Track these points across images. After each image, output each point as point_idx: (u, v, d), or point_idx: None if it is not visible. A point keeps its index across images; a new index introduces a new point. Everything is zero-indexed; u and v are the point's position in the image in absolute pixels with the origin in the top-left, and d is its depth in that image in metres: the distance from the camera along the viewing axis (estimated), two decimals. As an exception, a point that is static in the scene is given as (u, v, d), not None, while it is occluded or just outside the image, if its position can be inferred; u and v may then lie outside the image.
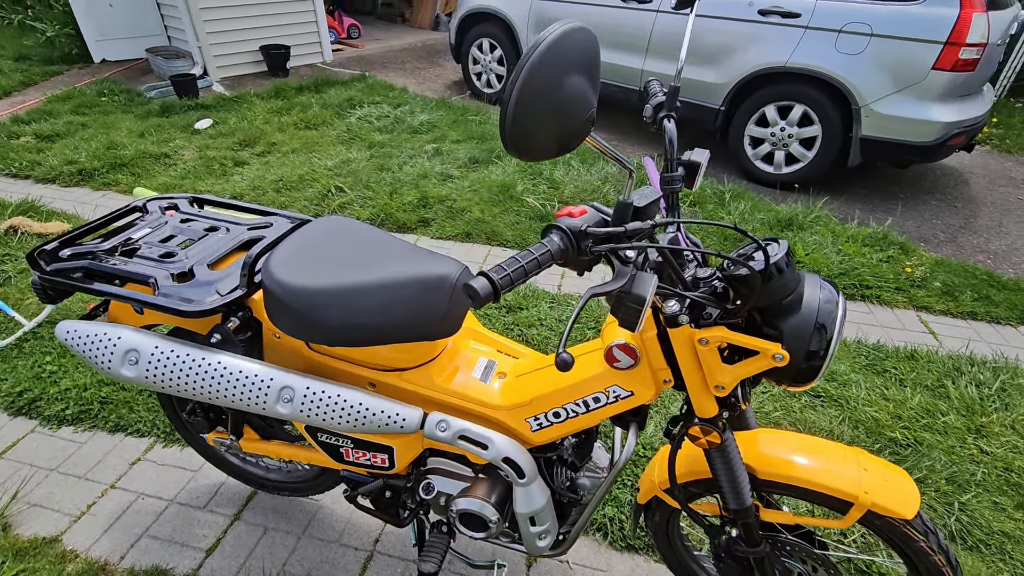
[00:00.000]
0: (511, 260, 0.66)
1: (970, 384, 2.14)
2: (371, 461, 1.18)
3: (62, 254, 1.13)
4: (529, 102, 0.71)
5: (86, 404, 1.89)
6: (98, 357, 1.03)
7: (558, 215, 0.72)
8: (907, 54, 3.22)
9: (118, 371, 1.03)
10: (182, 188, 3.45)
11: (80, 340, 1.04)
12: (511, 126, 0.71)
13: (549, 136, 0.77)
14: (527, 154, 0.76)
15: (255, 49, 5.54)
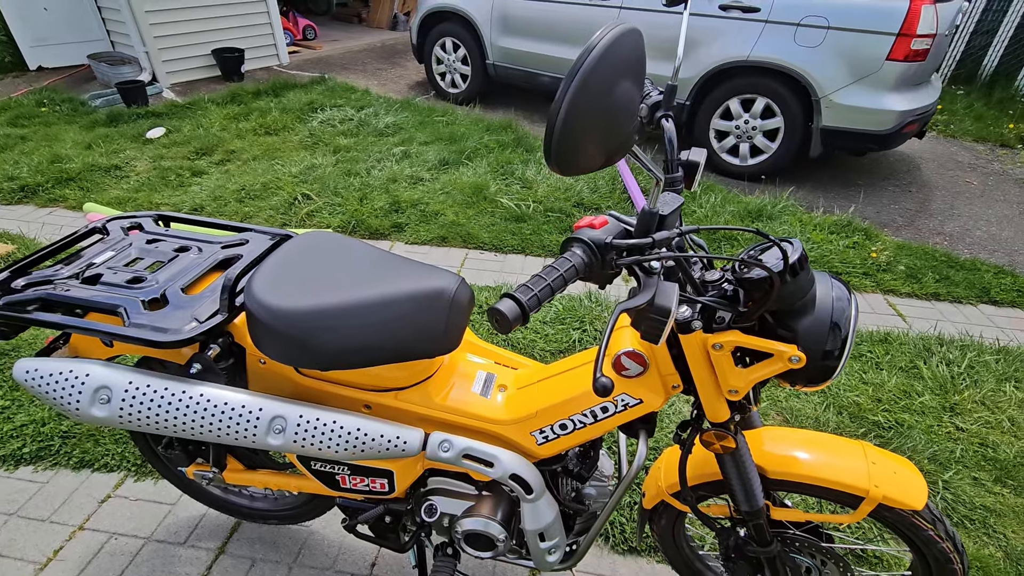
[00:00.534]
0: (536, 279, 0.62)
1: (941, 363, 2.22)
2: (369, 487, 1.12)
3: (15, 284, 1.03)
4: (579, 114, 0.64)
5: (45, 440, 1.75)
6: (64, 398, 0.94)
7: (577, 227, 0.69)
8: (862, 46, 3.32)
9: (88, 412, 0.94)
10: (136, 201, 3.27)
11: (42, 381, 0.95)
12: (558, 141, 0.65)
13: (596, 149, 0.70)
14: (572, 169, 0.69)
15: (207, 53, 5.31)
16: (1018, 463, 1.79)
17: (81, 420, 0.96)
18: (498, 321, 0.58)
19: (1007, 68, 5.67)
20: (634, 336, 0.97)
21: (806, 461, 1.02)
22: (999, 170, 4.36)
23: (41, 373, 0.95)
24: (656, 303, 0.65)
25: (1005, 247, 3.26)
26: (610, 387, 0.61)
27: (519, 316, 0.58)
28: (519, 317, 0.58)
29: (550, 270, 0.63)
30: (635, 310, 0.68)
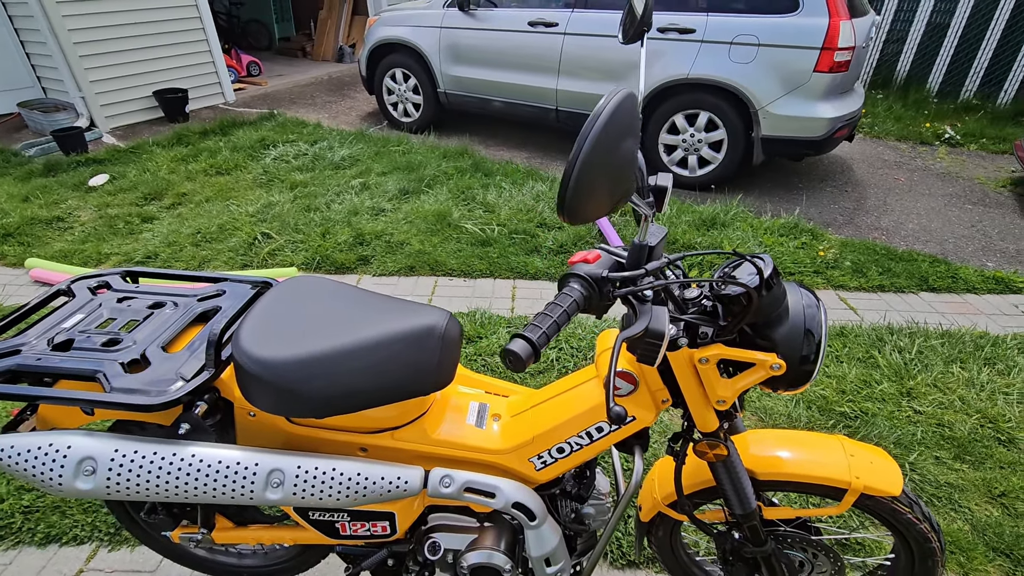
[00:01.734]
0: (542, 316, 0.65)
1: (893, 351, 2.37)
2: (371, 531, 1.10)
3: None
4: (590, 171, 0.70)
5: (3, 518, 1.64)
6: (45, 474, 0.90)
7: (571, 262, 0.72)
8: (791, 60, 3.56)
9: (72, 486, 0.90)
10: (83, 253, 3.12)
11: (18, 458, 0.90)
12: (572, 196, 0.70)
13: (604, 198, 0.76)
14: (581, 218, 0.74)
15: (148, 95, 5.16)
16: (972, 439, 1.92)
17: (64, 495, 0.92)
18: (512, 361, 0.61)
19: (918, 72, 6.17)
20: (622, 356, 1.01)
21: (791, 460, 1.08)
22: (922, 166, 4.71)
23: (17, 450, 0.90)
24: (651, 328, 0.69)
25: (936, 237, 3.51)
26: (624, 415, 0.64)
27: (531, 354, 0.61)
28: (532, 355, 0.61)
29: (553, 307, 0.66)
30: (633, 337, 0.72)
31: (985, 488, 1.75)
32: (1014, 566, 1.53)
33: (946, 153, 4.97)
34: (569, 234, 3.28)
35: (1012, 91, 5.73)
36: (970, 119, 5.52)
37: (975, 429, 1.96)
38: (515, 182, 3.96)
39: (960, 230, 3.60)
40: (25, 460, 0.90)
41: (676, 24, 3.79)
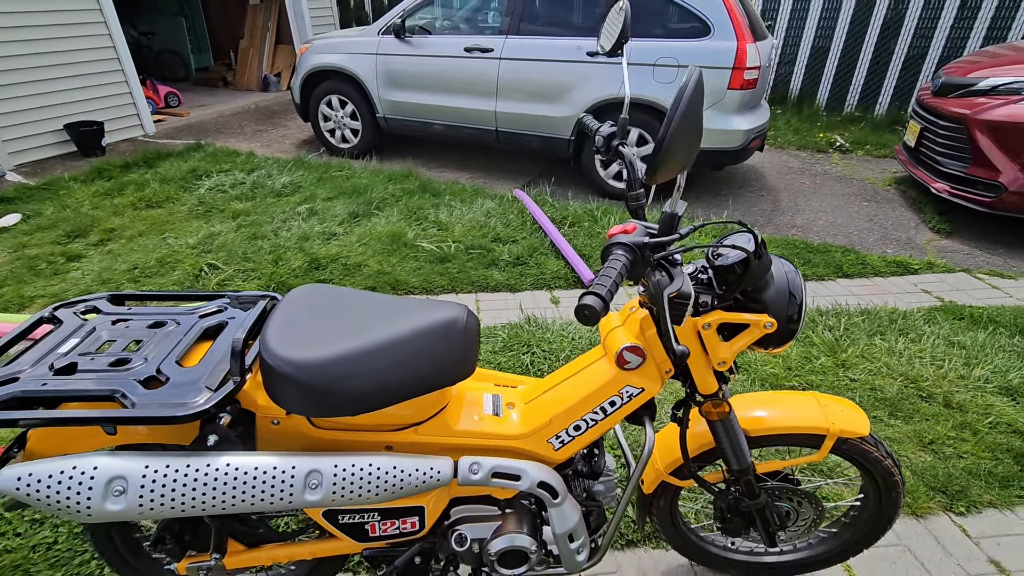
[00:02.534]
0: (602, 278, 0.73)
1: (825, 330, 2.65)
2: (400, 529, 1.12)
3: (-26, 389, 0.92)
4: (676, 138, 0.82)
5: (-44, 585, 1.48)
6: (72, 499, 0.86)
7: (611, 234, 0.82)
8: (708, 79, 3.92)
9: (102, 508, 0.86)
10: (1, 299, 2.86)
11: (39, 485, 0.85)
12: (662, 159, 0.82)
13: (679, 162, 0.89)
14: (662, 178, 0.88)
15: (58, 128, 4.81)
16: (900, 398, 2.19)
17: (93, 520, 0.88)
18: (587, 315, 0.68)
19: (808, 89, 6.93)
20: (628, 333, 1.11)
21: (775, 416, 1.22)
22: (821, 170, 5.28)
23: (37, 476, 0.86)
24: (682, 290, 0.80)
25: (843, 230, 3.96)
26: (688, 352, 0.74)
27: (604, 308, 0.69)
28: (604, 308, 0.69)
29: (608, 270, 0.75)
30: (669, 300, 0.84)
31: (917, 438, 2.00)
32: (950, 500, 1.76)
33: (839, 159, 5.60)
34: (524, 247, 3.40)
35: (885, 104, 6.57)
36: (855, 129, 6.26)
37: (901, 390, 2.24)
38: (464, 200, 4.04)
39: (861, 223, 4.08)
40: (47, 487, 0.86)
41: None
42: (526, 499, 1.23)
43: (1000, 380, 2.27)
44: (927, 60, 6.21)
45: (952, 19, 5.97)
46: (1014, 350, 2.48)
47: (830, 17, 6.52)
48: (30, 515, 1.66)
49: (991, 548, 1.63)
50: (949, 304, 2.89)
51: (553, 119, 4.34)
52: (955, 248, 3.65)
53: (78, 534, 1.61)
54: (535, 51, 4.25)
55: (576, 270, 3.15)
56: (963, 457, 1.92)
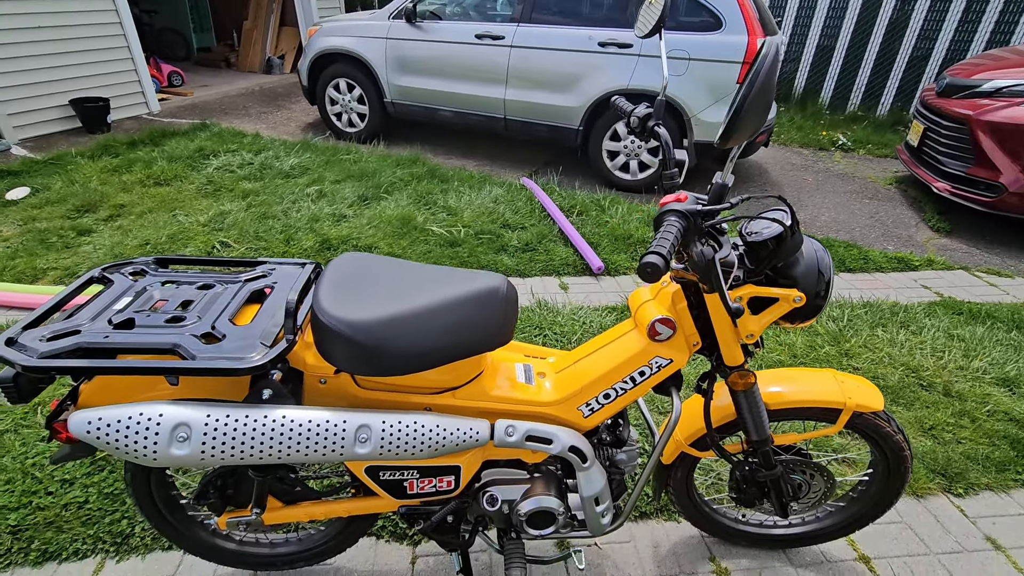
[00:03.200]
0: (660, 241, 0.78)
1: (829, 320, 2.71)
2: (437, 487, 1.17)
3: (40, 339, 0.96)
4: (752, 105, 0.87)
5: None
6: (139, 443, 0.90)
7: (664, 203, 0.86)
8: (717, 72, 3.97)
9: (167, 454, 0.90)
10: (15, 270, 2.87)
11: (110, 429, 0.89)
12: (740, 123, 0.88)
13: (750, 128, 0.92)
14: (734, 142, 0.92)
15: (63, 104, 4.78)
16: (901, 386, 2.26)
17: (158, 464, 0.92)
18: (650, 272, 0.73)
19: (812, 87, 6.99)
20: (659, 307, 1.16)
21: (794, 391, 1.27)
22: (824, 168, 5.35)
23: (107, 421, 0.90)
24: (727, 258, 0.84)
25: (845, 226, 4.03)
26: (742, 311, 0.79)
27: (665, 266, 0.74)
28: (665, 266, 0.74)
29: (664, 233, 0.80)
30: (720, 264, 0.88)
31: (918, 424, 2.07)
32: (949, 482, 1.84)
33: (841, 157, 5.67)
34: (532, 234, 3.44)
35: (888, 104, 6.64)
36: (857, 128, 6.33)
37: (902, 379, 2.31)
38: (472, 187, 4.07)
39: (863, 220, 4.15)
40: (116, 431, 0.90)
41: (615, 39, 4.10)
42: (553, 465, 1.28)
43: (998, 371, 2.35)
44: (931, 62, 6.28)
45: (957, 22, 6.03)
46: (1011, 344, 2.56)
47: (836, 16, 6.56)
48: (60, 475, 1.69)
49: (987, 527, 1.70)
50: (949, 299, 2.96)
51: (562, 108, 4.37)
52: (954, 246, 3.72)
53: (108, 495, 1.65)
54: (546, 40, 4.27)
55: (584, 257, 3.19)
56: (962, 443, 1.99)
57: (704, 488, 1.80)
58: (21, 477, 1.68)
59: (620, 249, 3.34)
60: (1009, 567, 1.58)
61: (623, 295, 2.92)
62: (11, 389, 0.95)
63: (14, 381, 0.94)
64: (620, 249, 3.34)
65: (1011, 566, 1.58)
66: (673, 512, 1.71)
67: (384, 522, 1.63)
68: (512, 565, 1.20)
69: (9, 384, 0.94)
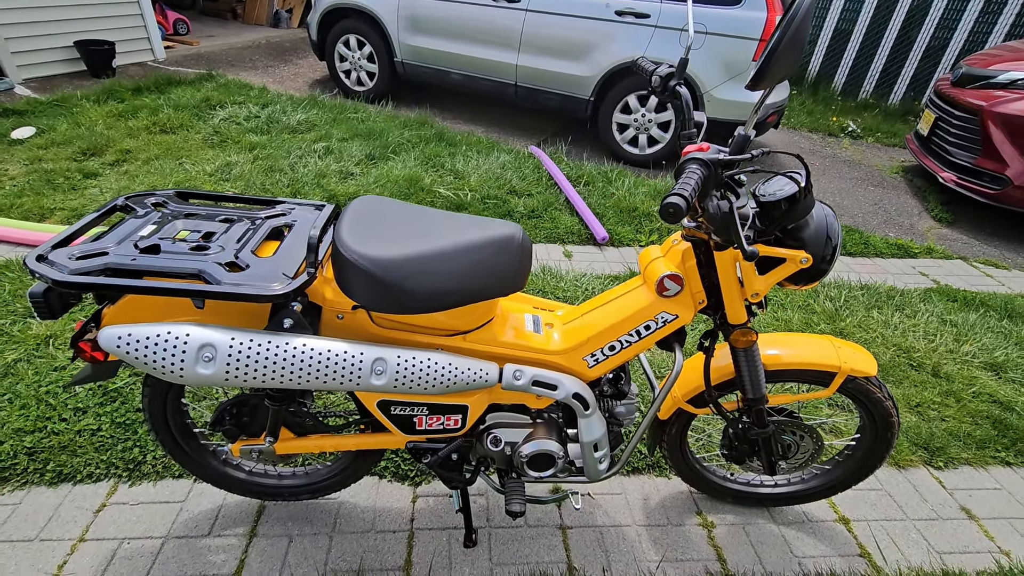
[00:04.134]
0: (682, 184, 0.80)
1: (826, 300, 2.76)
2: (444, 425, 1.22)
3: (69, 258, 0.99)
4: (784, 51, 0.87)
5: (6, 460, 1.56)
6: (166, 361, 0.93)
7: (685, 152, 0.89)
8: (733, 49, 3.92)
9: (193, 372, 0.94)
10: (22, 207, 2.87)
11: (139, 345, 0.93)
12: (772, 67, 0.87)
13: (781, 72, 0.91)
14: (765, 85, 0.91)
15: (68, 45, 4.69)
16: (892, 366, 2.32)
17: (183, 381, 0.96)
18: (672, 213, 0.76)
19: (826, 72, 6.91)
20: (668, 263, 1.20)
21: (792, 353, 1.32)
22: (831, 153, 5.34)
23: (136, 337, 0.93)
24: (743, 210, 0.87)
25: (848, 212, 4.05)
26: (757, 254, 0.83)
27: (687, 207, 0.77)
28: (687, 208, 0.77)
29: (686, 178, 0.82)
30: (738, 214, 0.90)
31: (905, 401, 2.14)
32: (930, 455, 1.91)
33: (849, 144, 5.65)
34: (539, 201, 3.45)
35: (900, 93, 6.59)
36: (868, 115, 6.29)
37: (893, 358, 2.37)
38: (480, 152, 4.06)
39: (866, 207, 4.17)
40: (145, 347, 0.93)
41: (633, 8, 4.04)
42: (555, 412, 1.34)
43: (986, 356, 2.41)
44: (947, 52, 6.20)
45: (977, 12, 5.94)
46: (1002, 331, 2.62)
47: (856, 0, 6.45)
48: (73, 403, 1.74)
49: (963, 498, 1.78)
50: (944, 287, 3.01)
51: (575, 77, 4.32)
52: (955, 237, 3.76)
53: (120, 423, 1.70)
54: (563, 6, 4.20)
55: (590, 227, 3.21)
56: (945, 420, 2.06)
57: (696, 447, 1.87)
58: (35, 403, 1.73)
59: (625, 221, 3.36)
60: (981, 535, 1.66)
61: (626, 265, 2.95)
62: (41, 304, 0.98)
63: (44, 297, 0.97)
64: (625, 221, 3.36)
65: (982, 534, 1.66)
66: (664, 469, 1.78)
67: (386, 463, 1.69)
68: (512, 501, 1.26)
69: (40, 299, 0.97)
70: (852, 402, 1.47)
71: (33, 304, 0.98)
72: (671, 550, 1.54)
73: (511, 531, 1.55)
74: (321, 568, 1.41)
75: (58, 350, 1.96)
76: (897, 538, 1.63)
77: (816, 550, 1.57)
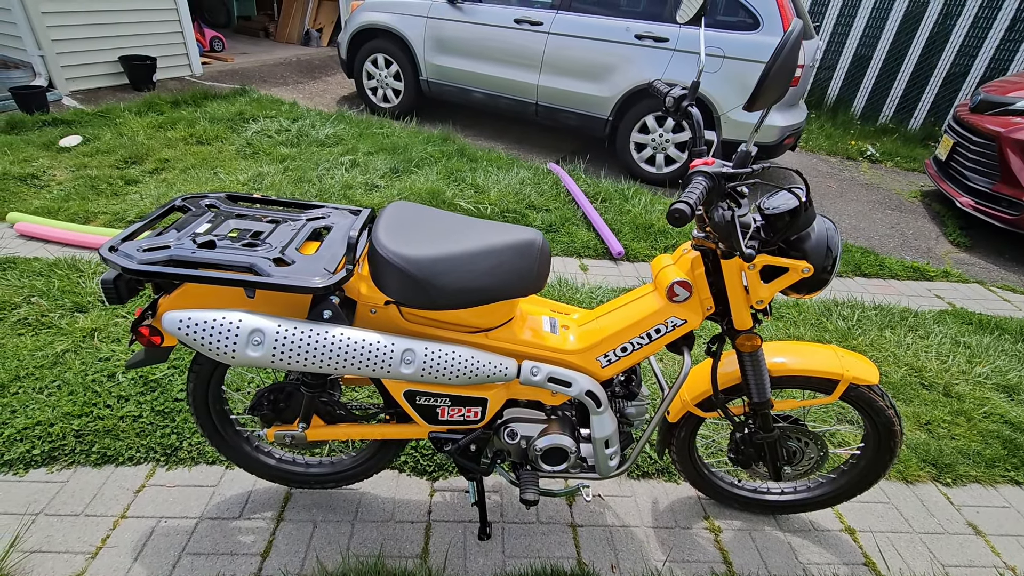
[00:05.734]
0: (688, 192, 0.89)
1: (838, 319, 2.80)
2: (465, 416, 1.30)
3: (138, 251, 1.10)
4: (775, 77, 0.96)
5: (56, 441, 1.68)
6: (220, 343, 1.04)
7: (693, 166, 0.97)
8: (751, 72, 4.02)
9: (244, 354, 1.05)
10: (68, 211, 3.05)
11: (197, 328, 1.04)
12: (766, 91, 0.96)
13: (773, 95, 1.01)
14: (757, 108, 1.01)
15: (113, 60, 4.97)
16: (903, 384, 2.35)
17: (235, 363, 1.06)
18: (677, 218, 0.84)
19: (845, 96, 6.96)
20: (678, 270, 1.28)
21: (797, 361, 1.38)
22: (849, 177, 5.37)
23: (195, 321, 1.04)
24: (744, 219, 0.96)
25: (864, 234, 4.08)
26: (755, 255, 0.90)
27: (692, 213, 0.85)
28: (692, 214, 0.85)
29: (692, 187, 0.91)
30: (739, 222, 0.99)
31: (915, 419, 2.16)
32: (938, 471, 1.93)
33: (868, 168, 5.68)
34: (556, 216, 3.55)
35: (920, 118, 6.61)
36: (887, 140, 6.32)
37: (905, 377, 2.40)
38: (500, 168, 4.19)
39: (883, 230, 4.19)
40: (202, 330, 1.04)
41: (652, 33, 4.17)
42: (568, 410, 1.41)
43: (999, 379, 2.42)
44: (968, 79, 6.23)
45: (999, 40, 5.98)
46: (1016, 355, 2.63)
47: (876, 26, 6.53)
48: (117, 391, 1.86)
49: (971, 515, 1.80)
50: (960, 310, 3.02)
51: (593, 98, 4.45)
52: (972, 262, 3.76)
53: (159, 412, 1.81)
54: (584, 29, 4.35)
55: (606, 242, 3.30)
56: (955, 439, 2.08)
57: (704, 452, 1.92)
58: (82, 390, 1.85)
59: (641, 237, 3.44)
60: (987, 550, 1.68)
61: (640, 279, 3.02)
62: (111, 290, 1.09)
63: (114, 284, 1.09)
64: (641, 237, 3.44)
65: (988, 549, 1.68)
66: (673, 474, 1.83)
67: (406, 457, 1.78)
68: (527, 490, 1.34)
69: (110, 286, 1.09)
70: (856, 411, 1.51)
71: (103, 290, 1.09)
72: (678, 551, 1.59)
73: (523, 527, 1.62)
74: (344, 552, 1.49)
75: (103, 342, 2.09)
76: (902, 550, 1.65)
77: (821, 557, 1.61)
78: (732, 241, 0.94)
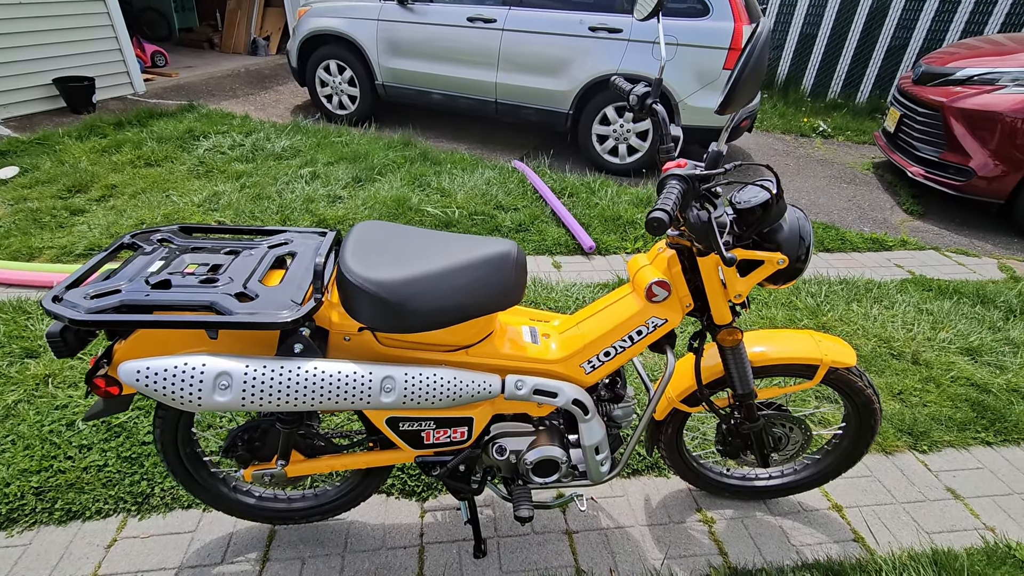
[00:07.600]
0: (664, 200, 0.87)
1: (807, 296, 2.86)
2: (451, 437, 1.27)
3: (84, 297, 1.03)
4: (747, 78, 0.95)
5: (14, 501, 1.57)
6: (184, 391, 0.97)
7: (665, 169, 0.95)
8: (704, 59, 4.06)
9: (211, 400, 0.98)
10: (9, 248, 2.87)
11: (157, 377, 0.97)
12: (739, 94, 0.96)
13: (744, 98, 1.00)
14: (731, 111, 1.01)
15: (47, 83, 4.70)
16: (874, 356, 2.42)
17: (202, 410, 1.00)
18: (656, 226, 0.82)
19: (795, 75, 7.13)
20: (655, 271, 1.26)
21: (776, 349, 1.39)
22: (804, 154, 5.50)
23: (154, 370, 0.97)
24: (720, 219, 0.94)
25: (824, 209, 4.18)
26: (736, 259, 0.89)
27: (670, 220, 0.83)
28: (670, 220, 0.83)
29: (668, 194, 0.89)
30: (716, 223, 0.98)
31: (888, 389, 2.22)
32: (914, 440, 1.99)
33: (821, 143, 5.83)
34: (525, 215, 3.52)
35: (866, 92, 6.82)
36: (837, 115, 6.50)
37: (875, 349, 2.46)
38: (464, 169, 4.13)
39: (841, 204, 4.31)
40: (163, 379, 0.97)
41: (606, 24, 4.17)
42: (556, 420, 1.39)
43: (962, 342, 2.51)
44: (908, 51, 6.45)
45: (934, 12, 6.20)
46: (975, 317, 2.73)
47: (818, 4, 6.69)
48: (78, 440, 1.75)
49: (948, 479, 1.86)
50: (919, 277, 3.13)
51: (552, 92, 4.43)
52: (926, 228, 3.90)
53: (126, 458, 1.71)
54: (538, 24, 4.32)
55: (576, 237, 3.29)
56: (927, 406, 2.15)
57: (691, 444, 1.93)
58: (39, 443, 1.74)
59: (610, 230, 3.45)
60: (966, 513, 1.74)
61: (614, 273, 3.03)
62: (59, 343, 1.01)
63: (61, 336, 1.01)
64: (610, 230, 3.45)
65: (968, 512, 1.74)
66: (663, 469, 1.83)
67: (393, 480, 1.73)
68: (520, 507, 1.31)
69: (57, 338, 1.01)
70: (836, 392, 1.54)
71: (51, 343, 1.01)
72: (674, 547, 1.59)
73: (519, 539, 1.59)
74: (336, 587, 1.44)
75: (58, 389, 1.97)
76: (888, 521, 1.70)
77: (813, 538, 1.63)
78: (711, 242, 0.93)
